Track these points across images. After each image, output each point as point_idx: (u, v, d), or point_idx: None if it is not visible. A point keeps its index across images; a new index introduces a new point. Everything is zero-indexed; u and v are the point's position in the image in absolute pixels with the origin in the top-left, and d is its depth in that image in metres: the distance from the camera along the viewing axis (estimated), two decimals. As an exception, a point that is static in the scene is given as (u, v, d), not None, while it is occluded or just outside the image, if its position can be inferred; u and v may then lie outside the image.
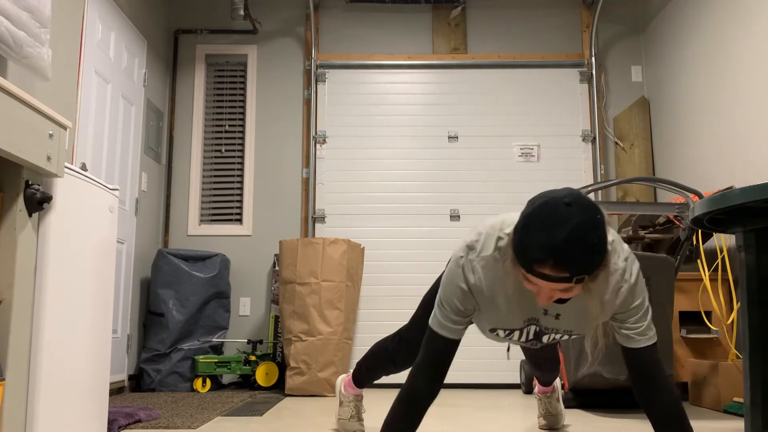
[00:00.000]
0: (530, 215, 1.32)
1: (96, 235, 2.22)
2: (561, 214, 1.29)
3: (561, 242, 1.26)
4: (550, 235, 1.27)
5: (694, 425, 2.62)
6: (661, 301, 2.96)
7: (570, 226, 1.27)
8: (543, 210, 1.31)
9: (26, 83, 2.73)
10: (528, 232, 1.31)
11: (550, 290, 1.34)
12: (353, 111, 4.67)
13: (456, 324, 1.60)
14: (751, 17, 3.39)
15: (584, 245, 1.28)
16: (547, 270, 1.29)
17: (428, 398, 1.60)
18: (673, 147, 4.27)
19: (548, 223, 1.28)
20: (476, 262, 1.54)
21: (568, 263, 1.27)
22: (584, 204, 1.31)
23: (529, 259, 1.30)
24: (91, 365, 2.18)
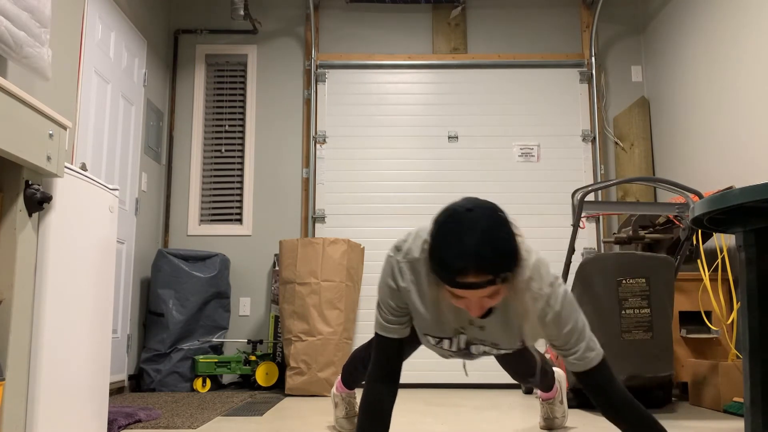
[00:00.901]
0: (438, 234, 1.33)
1: (96, 235, 2.22)
2: (466, 221, 1.30)
3: (474, 247, 1.27)
4: (463, 245, 1.28)
5: (695, 425, 2.62)
6: (661, 301, 2.96)
7: (479, 230, 1.29)
8: (448, 224, 1.32)
9: (26, 83, 2.73)
10: (441, 249, 1.31)
11: (479, 299, 1.34)
12: (353, 111, 4.67)
13: (396, 323, 1.61)
14: (751, 17, 3.39)
15: (497, 243, 1.29)
16: (471, 278, 1.29)
17: (388, 402, 1.61)
18: (673, 147, 4.27)
19: (457, 235, 1.29)
20: (403, 264, 1.55)
21: (488, 264, 1.28)
22: (485, 206, 1.34)
23: (450, 274, 1.30)
24: (91, 365, 2.18)
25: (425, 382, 4.26)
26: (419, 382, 4.21)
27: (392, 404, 1.62)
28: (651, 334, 2.93)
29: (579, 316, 1.54)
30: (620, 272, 2.97)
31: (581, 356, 1.53)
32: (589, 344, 1.54)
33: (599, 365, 1.54)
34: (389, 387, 1.62)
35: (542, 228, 4.51)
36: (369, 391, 1.62)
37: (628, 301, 2.95)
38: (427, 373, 4.25)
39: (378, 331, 1.64)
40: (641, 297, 2.95)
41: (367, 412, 1.61)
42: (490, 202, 1.36)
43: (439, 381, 4.25)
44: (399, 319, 1.61)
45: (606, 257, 3.02)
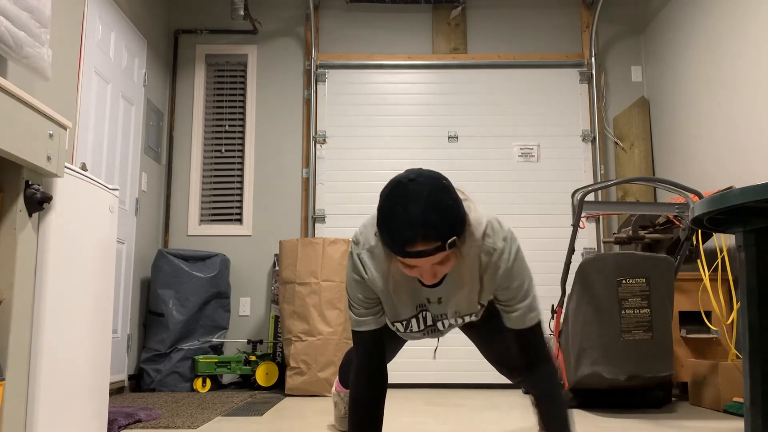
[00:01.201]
0: (383, 207, 1.34)
1: (96, 235, 2.22)
2: (410, 191, 1.31)
3: (421, 215, 1.28)
4: (408, 214, 1.29)
5: (695, 425, 2.62)
6: (661, 301, 2.96)
7: (423, 198, 1.30)
8: (392, 196, 1.33)
9: (26, 83, 2.73)
10: (388, 221, 1.32)
11: (431, 267, 1.35)
12: (353, 111, 4.67)
13: (369, 315, 1.61)
14: (751, 17, 3.39)
15: (442, 209, 1.30)
16: (419, 246, 1.30)
17: (376, 399, 1.61)
18: (673, 147, 4.27)
19: (402, 205, 1.30)
20: (363, 255, 1.56)
21: (435, 231, 1.29)
22: (428, 175, 1.35)
23: (399, 245, 1.31)
24: (91, 365, 2.18)
25: (425, 382, 4.26)
26: (419, 382, 4.21)
27: (382, 401, 1.62)
28: (651, 334, 2.93)
29: (528, 273, 1.58)
30: (620, 272, 2.97)
31: (522, 314, 1.56)
32: (532, 304, 1.58)
33: (535, 326, 1.58)
34: (376, 384, 1.62)
35: (542, 228, 4.51)
36: (357, 391, 1.62)
37: (628, 301, 2.95)
38: (427, 373, 4.25)
39: (354, 329, 1.64)
40: (641, 297, 2.95)
41: (357, 412, 1.61)
42: (434, 171, 1.37)
43: (439, 381, 4.25)
44: (371, 310, 1.61)
45: (606, 257, 3.02)
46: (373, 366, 1.63)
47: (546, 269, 4.43)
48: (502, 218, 1.63)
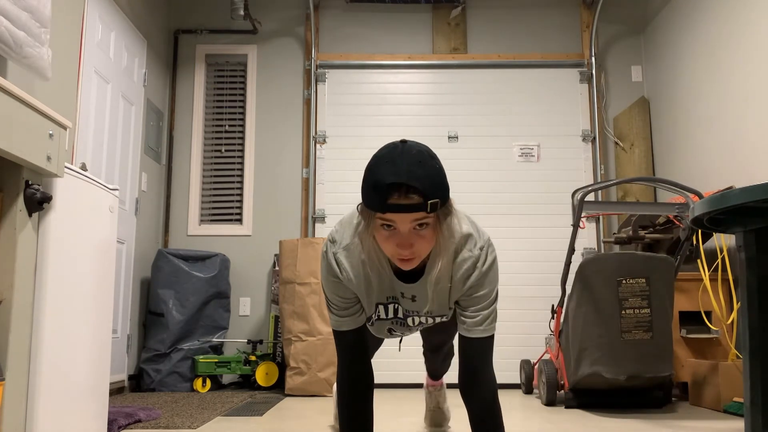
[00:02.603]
0: (371, 163, 1.36)
1: (96, 235, 2.22)
2: (399, 150, 1.34)
3: (405, 168, 1.30)
4: (394, 167, 1.31)
5: (695, 425, 2.62)
6: (661, 301, 2.96)
7: (409, 155, 1.32)
8: (382, 153, 1.36)
9: (26, 83, 2.73)
10: (373, 173, 1.33)
11: (409, 232, 1.34)
12: (353, 111, 4.67)
13: (348, 315, 1.60)
14: (751, 17, 3.39)
15: (428, 168, 1.32)
16: (400, 199, 1.30)
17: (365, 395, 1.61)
18: (673, 147, 4.27)
19: (390, 159, 1.32)
20: (339, 254, 1.55)
21: (418, 184, 1.29)
22: (418, 143, 1.38)
23: (379, 196, 1.31)
24: (91, 365, 2.18)
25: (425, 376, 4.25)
26: (419, 382, 4.20)
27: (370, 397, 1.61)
28: (651, 334, 2.93)
29: (497, 285, 1.57)
30: (620, 272, 2.97)
31: (479, 321, 1.55)
32: (493, 315, 1.57)
33: (489, 337, 1.57)
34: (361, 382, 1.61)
35: (542, 228, 4.51)
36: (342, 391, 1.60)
37: (628, 301, 2.95)
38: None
39: (334, 329, 1.63)
40: (641, 297, 2.95)
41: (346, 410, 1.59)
42: (422, 144, 1.39)
43: (439, 381, 4.25)
44: (349, 310, 1.60)
45: (606, 257, 3.02)
46: (356, 364, 1.62)
47: (546, 269, 4.43)
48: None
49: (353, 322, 1.62)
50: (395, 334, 1.78)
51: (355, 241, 1.51)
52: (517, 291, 4.40)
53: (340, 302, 1.59)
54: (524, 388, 3.84)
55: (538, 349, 4.29)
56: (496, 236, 4.49)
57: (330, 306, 1.62)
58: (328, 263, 1.56)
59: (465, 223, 1.54)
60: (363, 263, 1.52)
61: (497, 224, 4.51)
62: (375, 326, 1.71)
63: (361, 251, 1.50)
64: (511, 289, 4.39)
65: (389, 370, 4.26)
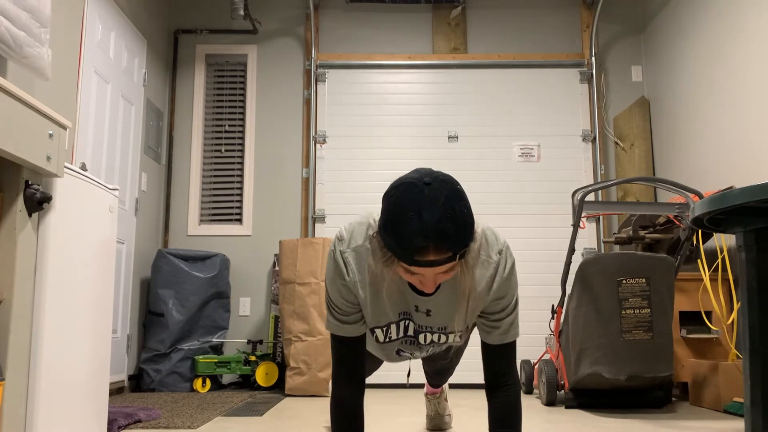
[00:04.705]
0: (393, 210, 1.24)
1: (96, 235, 2.22)
2: (425, 196, 1.22)
3: (435, 224, 1.20)
4: (422, 221, 1.20)
5: (695, 425, 2.62)
6: (661, 301, 2.96)
7: (439, 205, 1.21)
8: (405, 198, 1.23)
9: (26, 83, 2.73)
10: (398, 225, 1.23)
11: (435, 275, 1.29)
12: (353, 111, 4.67)
13: (349, 322, 1.52)
14: (751, 17, 3.39)
15: (458, 219, 1.23)
16: (431, 256, 1.23)
17: (356, 401, 1.55)
18: (673, 147, 4.27)
19: (416, 210, 1.21)
20: (347, 254, 1.46)
21: (449, 242, 1.22)
22: (442, 179, 1.26)
23: (409, 253, 1.23)
24: (91, 365, 2.18)
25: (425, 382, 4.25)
26: (419, 382, 4.20)
27: (361, 403, 1.56)
28: (651, 334, 2.93)
29: (517, 288, 1.52)
30: (620, 272, 2.97)
31: (506, 329, 1.51)
32: (516, 319, 1.53)
33: (514, 342, 1.54)
34: (354, 389, 1.55)
35: (542, 228, 4.51)
36: (336, 393, 1.56)
37: (628, 301, 2.95)
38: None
39: (334, 332, 1.54)
40: (641, 297, 2.95)
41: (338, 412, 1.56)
42: (446, 175, 1.28)
43: (439, 381, 4.25)
44: (351, 317, 1.52)
45: (606, 257, 3.02)
46: (352, 369, 1.55)
47: (546, 269, 4.43)
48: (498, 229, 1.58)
49: (354, 330, 1.54)
50: (404, 355, 1.71)
51: (366, 245, 1.44)
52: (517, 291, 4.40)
53: (344, 306, 1.51)
54: (524, 388, 3.84)
55: (538, 349, 4.29)
56: (496, 236, 4.49)
57: (331, 309, 1.53)
58: (335, 262, 1.47)
59: (479, 228, 1.47)
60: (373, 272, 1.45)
61: (497, 224, 4.50)
62: (384, 347, 1.63)
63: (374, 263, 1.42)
64: (511, 289, 4.39)
65: (389, 369, 4.27)
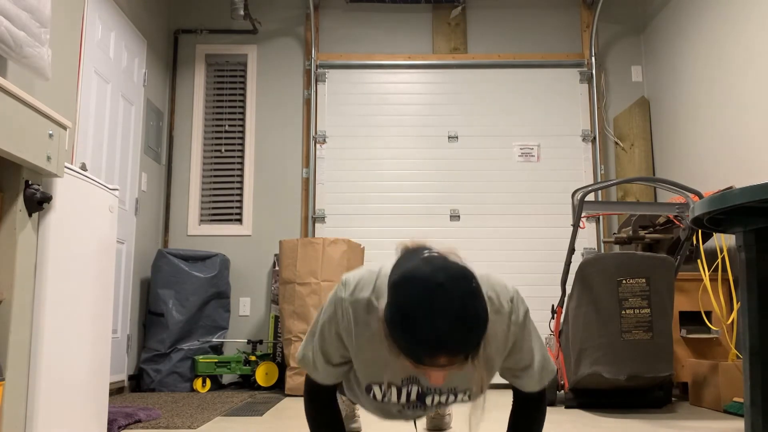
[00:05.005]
0: (403, 307, 1.13)
1: (96, 235, 2.22)
2: (438, 299, 1.11)
3: (448, 332, 1.10)
4: (435, 328, 1.10)
5: (695, 425, 2.62)
6: (661, 301, 2.96)
7: (453, 311, 1.10)
8: (415, 299, 1.12)
9: (26, 83, 2.72)
10: (407, 327, 1.12)
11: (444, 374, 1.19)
12: (353, 111, 4.67)
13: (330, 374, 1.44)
14: (751, 17, 3.39)
15: (473, 325, 1.12)
16: (441, 361, 1.13)
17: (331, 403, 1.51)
18: (673, 147, 4.27)
19: (428, 314, 1.10)
20: (347, 302, 1.36)
21: (462, 348, 1.12)
22: (457, 275, 1.14)
23: (417, 356, 1.13)
24: (91, 365, 2.18)
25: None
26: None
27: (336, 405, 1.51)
28: (651, 334, 2.93)
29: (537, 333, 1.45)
30: (620, 272, 2.97)
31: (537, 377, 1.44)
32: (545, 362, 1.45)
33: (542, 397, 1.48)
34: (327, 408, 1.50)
35: (542, 228, 4.51)
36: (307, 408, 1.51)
37: (628, 301, 2.95)
38: (427, 373, 4.25)
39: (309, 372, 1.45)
40: (641, 297, 2.95)
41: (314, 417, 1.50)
42: (461, 267, 1.16)
43: (439, 381, 4.25)
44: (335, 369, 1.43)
45: (606, 257, 3.02)
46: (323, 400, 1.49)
47: (546, 269, 4.43)
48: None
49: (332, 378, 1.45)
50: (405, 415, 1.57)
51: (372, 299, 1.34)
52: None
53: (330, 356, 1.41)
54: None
55: (538, 349, 4.29)
56: (496, 236, 4.50)
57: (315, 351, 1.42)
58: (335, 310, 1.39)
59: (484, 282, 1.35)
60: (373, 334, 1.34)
61: (497, 224, 4.51)
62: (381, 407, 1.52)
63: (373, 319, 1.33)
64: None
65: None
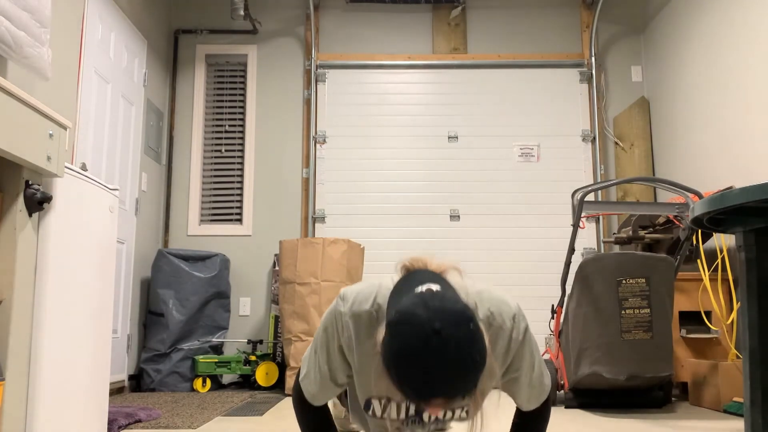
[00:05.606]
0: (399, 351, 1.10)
1: (96, 235, 2.22)
2: (433, 347, 1.07)
3: (445, 380, 1.08)
4: (430, 377, 1.08)
5: (695, 425, 2.62)
6: (661, 301, 2.96)
7: (449, 359, 1.07)
8: (410, 345, 1.08)
9: (26, 83, 2.72)
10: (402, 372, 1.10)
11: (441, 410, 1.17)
12: (353, 111, 4.67)
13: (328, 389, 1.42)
14: (751, 17, 3.39)
15: (469, 368, 1.09)
16: (438, 406, 1.12)
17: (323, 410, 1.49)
18: (673, 147, 4.27)
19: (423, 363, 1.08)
20: (347, 316, 1.34)
21: (458, 392, 1.10)
22: (453, 319, 1.09)
23: (413, 399, 1.12)
24: (91, 365, 2.18)
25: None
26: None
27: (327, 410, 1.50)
28: (651, 334, 2.93)
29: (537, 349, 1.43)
30: (620, 272, 2.97)
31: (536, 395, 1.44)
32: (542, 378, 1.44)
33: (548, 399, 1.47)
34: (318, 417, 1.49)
35: (542, 228, 4.51)
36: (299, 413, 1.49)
37: (628, 301, 2.95)
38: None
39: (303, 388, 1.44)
40: (641, 297, 2.95)
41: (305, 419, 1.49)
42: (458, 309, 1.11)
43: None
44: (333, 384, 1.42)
45: (606, 257, 3.02)
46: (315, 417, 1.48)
47: (546, 269, 4.43)
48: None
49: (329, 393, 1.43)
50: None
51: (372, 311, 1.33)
52: (516, 291, 4.40)
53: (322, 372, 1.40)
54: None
55: (538, 349, 4.29)
56: (496, 236, 4.50)
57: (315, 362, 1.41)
58: (335, 322, 1.37)
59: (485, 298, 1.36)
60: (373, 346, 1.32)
61: (497, 224, 4.51)
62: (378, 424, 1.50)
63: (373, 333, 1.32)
64: (510, 289, 4.39)
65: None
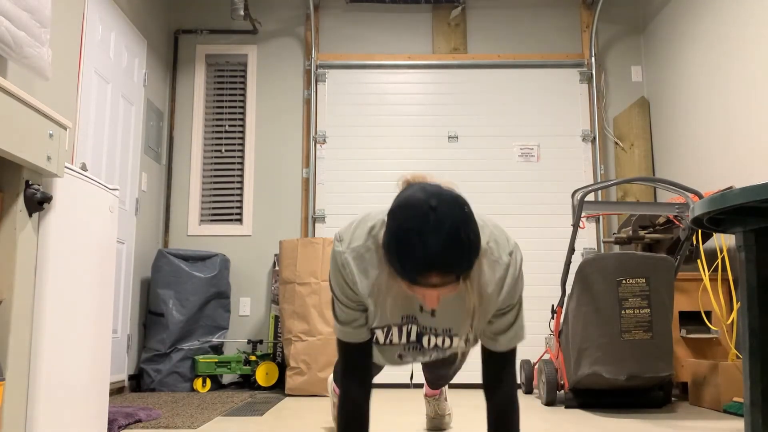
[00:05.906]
0: (397, 229, 1.22)
1: (96, 235, 2.22)
2: (430, 220, 1.19)
3: (440, 250, 1.18)
4: (426, 246, 1.18)
5: (695, 425, 2.62)
6: (661, 301, 2.96)
7: (444, 231, 1.18)
8: (409, 221, 1.21)
9: (26, 83, 2.73)
10: (401, 249, 1.21)
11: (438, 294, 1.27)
12: (353, 111, 4.67)
13: (355, 324, 1.51)
14: (751, 17, 3.39)
15: (462, 245, 1.20)
16: (433, 280, 1.22)
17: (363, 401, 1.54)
18: (673, 147, 4.27)
19: (420, 234, 1.19)
20: (347, 254, 1.45)
21: (452, 267, 1.21)
22: (449, 200, 1.22)
23: (411, 275, 1.22)
24: (91, 365, 2.18)
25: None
26: (418, 382, 4.20)
27: (368, 403, 1.56)
28: (651, 334, 2.93)
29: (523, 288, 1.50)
30: (620, 272, 2.97)
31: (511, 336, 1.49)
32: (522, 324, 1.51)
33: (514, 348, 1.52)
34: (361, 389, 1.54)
35: (542, 228, 4.51)
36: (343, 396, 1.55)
37: (628, 301, 2.95)
38: (427, 373, 4.25)
39: (340, 337, 1.54)
40: (641, 297, 2.95)
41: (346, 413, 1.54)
42: (454, 194, 1.24)
43: (439, 381, 4.25)
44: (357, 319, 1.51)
45: (606, 257, 3.02)
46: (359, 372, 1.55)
47: (546, 269, 4.43)
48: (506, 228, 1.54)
49: (357, 336, 1.53)
50: (406, 360, 1.68)
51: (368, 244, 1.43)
52: (517, 291, 4.40)
53: (348, 304, 1.50)
54: (524, 388, 3.84)
55: (538, 349, 4.29)
56: (496, 236, 4.49)
57: (337, 306, 1.52)
58: (336, 263, 1.47)
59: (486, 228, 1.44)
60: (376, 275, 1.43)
61: (497, 224, 4.50)
62: (384, 350, 1.61)
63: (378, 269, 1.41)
64: (511, 289, 4.39)
65: (391, 369, 4.27)
